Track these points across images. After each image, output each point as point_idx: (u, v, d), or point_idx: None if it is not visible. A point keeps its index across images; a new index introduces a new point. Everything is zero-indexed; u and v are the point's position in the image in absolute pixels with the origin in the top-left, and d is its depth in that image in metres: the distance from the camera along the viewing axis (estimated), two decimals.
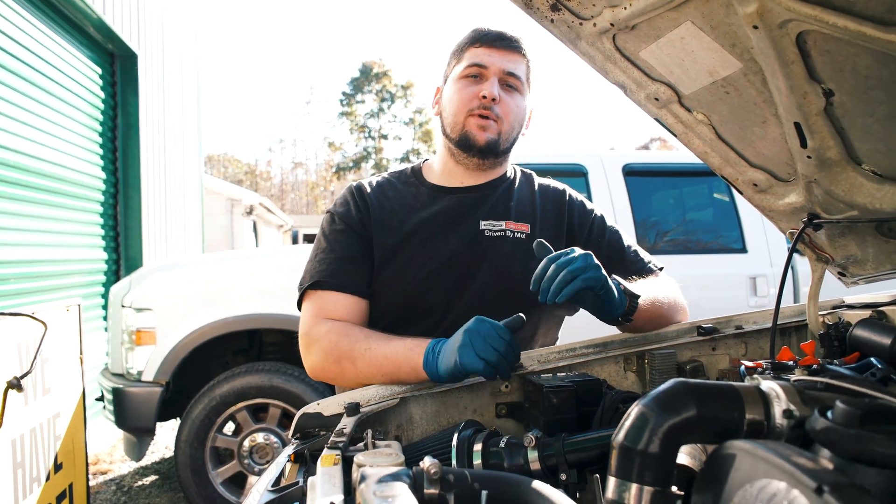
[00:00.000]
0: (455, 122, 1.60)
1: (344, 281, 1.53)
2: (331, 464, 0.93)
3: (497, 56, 1.57)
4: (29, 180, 4.72)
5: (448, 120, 1.63)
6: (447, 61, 1.68)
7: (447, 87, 1.65)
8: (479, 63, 1.57)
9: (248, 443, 3.70)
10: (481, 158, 1.62)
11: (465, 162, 1.64)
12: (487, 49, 1.58)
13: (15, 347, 2.28)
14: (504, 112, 1.58)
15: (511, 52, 1.58)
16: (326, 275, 1.54)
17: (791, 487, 0.54)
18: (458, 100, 1.59)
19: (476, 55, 1.58)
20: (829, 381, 0.78)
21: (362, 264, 1.57)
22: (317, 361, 1.47)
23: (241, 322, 3.75)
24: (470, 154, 1.61)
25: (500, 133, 1.59)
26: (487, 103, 1.56)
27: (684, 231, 4.55)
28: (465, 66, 1.59)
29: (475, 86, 1.58)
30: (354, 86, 47.51)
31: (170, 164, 7.93)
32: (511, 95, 1.59)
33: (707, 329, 1.45)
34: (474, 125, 1.58)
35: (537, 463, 1.00)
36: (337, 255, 1.57)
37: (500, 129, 1.59)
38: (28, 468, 2.32)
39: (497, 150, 1.61)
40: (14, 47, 4.52)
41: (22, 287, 4.66)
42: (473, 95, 1.57)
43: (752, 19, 0.90)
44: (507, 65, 1.57)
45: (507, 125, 1.60)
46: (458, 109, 1.59)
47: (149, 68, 7.02)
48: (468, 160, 1.63)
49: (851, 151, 1.10)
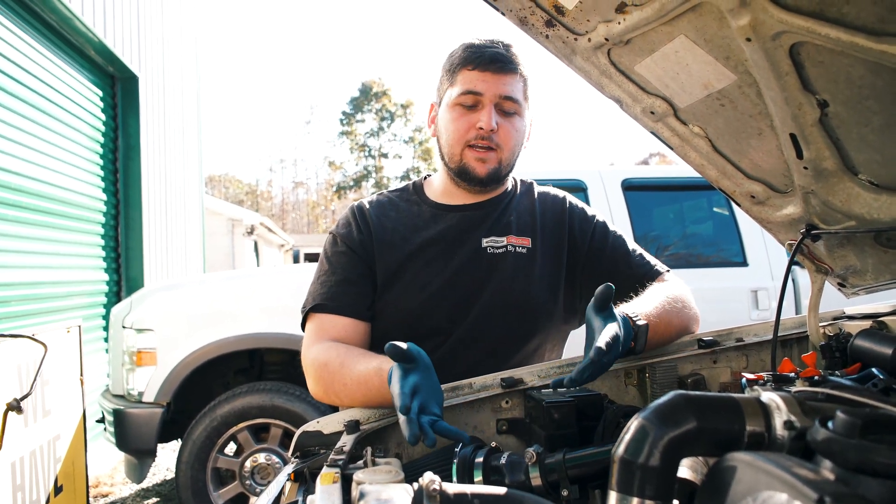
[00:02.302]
0: (452, 152, 1.56)
1: (343, 304, 1.53)
2: (330, 482, 0.92)
3: (492, 81, 1.49)
4: (30, 202, 4.74)
5: (445, 148, 1.58)
6: (440, 77, 1.62)
7: (442, 113, 1.59)
8: (474, 90, 1.50)
9: (249, 463, 3.67)
10: (483, 187, 1.61)
11: (466, 188, 1.62)
12: (481, 73, 1.50)
13: (15, 369, 2.28)
14: (503, 140, 1.53)
15: (506, 75, 1.51)
16: (326, 298, 1.54)
17: (793, 499, 0.54)
18: (454, 130, 1.54)
19: (470, 80, 1.50)
20: (830, 391, 0.77)
21: (363, 286, 1.56)
22: (313, 386, 1.47)
23: (242, 342, 3.74)
24: (471, 185, 1.59)
25: (500, 161, 1.55)
26: (485, 133, 1.51)
27: (685, 245, 4.55)
28: (458, 93, 1.52)
29: (471, 115, 1.52)
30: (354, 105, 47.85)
31: (171, 184, 7.96)
32: (510, 120, 1.54)
33: (708, 342, 1.44)
34: (472, 158, 1.54)
35: (539, 479, 0.99)
36: (338, 277, 1.57)
37: (500, 157, 1.55)
38: (28, 491, 2.30)
39: (499, 177, 1.59)
40: (16, 71, 4.56)
41: (23, 309, 4.66)
42: (470, 126, 1.52)
43: (745, 32, 0.91)
44: (502, 89, 1.50)
45: (507, 152, 1.55)
46: (455, 140, 1.55)
47: (149, 90, 7.07)
48: (469, 188, 1.61)
49: (848, 162, 1.10)
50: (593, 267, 1.64)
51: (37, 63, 4.87)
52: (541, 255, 1.61)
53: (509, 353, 1.55)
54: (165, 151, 7.73)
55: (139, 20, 6.80)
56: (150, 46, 7.20)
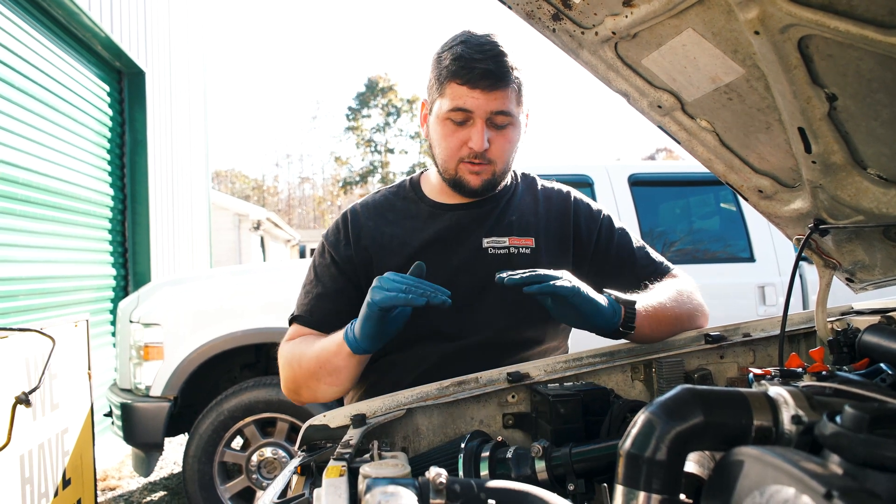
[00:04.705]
0: (446, 166, 1.54)
1: (318, 319, 1.56)
2: (336, 475, 0.92)
3: (482, 98, 1.43)
4: (37, 197, 4.76)
5: (439, 160, 1.56)
6: (429, 78, 1.54)
7: (433, 124, 1.55)
8: (464, 108, 1.44)
9: (256, 457, 3.69)
10: (476, 198, 1.60)
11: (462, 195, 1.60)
12: (471, 90, 1.43)
13: (23, 363, 2.29)
14: (496, 154, 1.51)
15: (497, 91, 1.43)
16: (306, 311, 1.58)
17: (801, 493, 0.54)
18: (447, 147, 1.51)
19: (459, 96, 1.44)
20: (838, 386, 0.77)
21: (340, 303, 1.56)
22: (281, 377, 1.55)
23: (249, 336, 3.75)
24: (465, 195, 1.58)
25: (494, 172, 1.54)
26: (477, 153, 1.48)
27: (692, 240, 4.53)
28: (448, 108, 1.46)
29: (462, 131, 1.48)
30: (360, 100, 47.80)
31: (177, 179, 7.98)
32: (502, 132, 1.50)
33: (715, 337, 1.44)
34: (466, 171, 1.52)
35: (545, 473, 1.00)
36: (318, 290, 1.59)
37: (494, 169, 1.53)
38: (36, 484, 2.31)
39: (494, 186, 1.58)
40: (23, 66, 4.57)
41: (31, 303, 4.68)
42: (461, 143, 1.49)
43: (753, 25, 0.90)
44: (493, 104, 1.44)
45: (500, 164, 1.53)
46: (448, 156, 1.52)
47: (156, 85, 7.08)
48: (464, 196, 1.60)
49: (856, 156, 1.10)
50: (599, 265, 1.63)
51: (44, 58, 4.88)
52: (545, 254, 1.59)
53: (513, 353, 1.54)
54: (172, 146, 7.75)
55: (146, 15, 6.81)
56: (157, 42, 7.21)
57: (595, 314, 1.30)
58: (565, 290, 1.26)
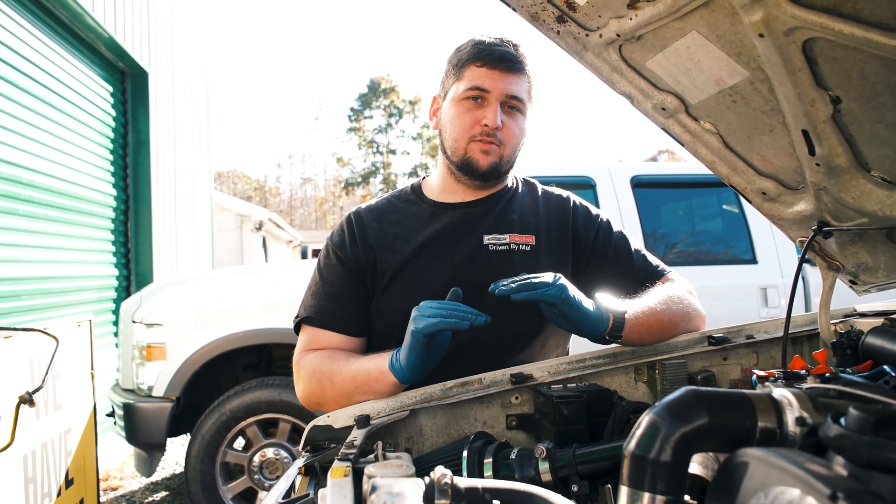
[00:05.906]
0: (457, 146, 1.58)
1: (330, 319, 1.57)
2: (341, 475, 0.93)
3: (500, 79, 1.52)
4: (40, 197, 4.77)
5: (449, 142, 1.60)
6: (445, 71, 1.63)
7: (447, 108, 1.61)
8: (481, 87, 1.53)
9: (258, 458, 3.69)
10: (483, 181, 1.62)
11: (466, 182, 1.63)
12: (489, 71, 1.52)
13: (27, 363, 2.30)
14: (506, 137, 1.56)
15: (514, 74, 1.53)
16: (315, 311, 1.58)
17: (805, 494, 0.54)
18: (460, 125, 1.57)
19: (477, 76, 1.53)
20: (842, 388, 0.77)
21: (351, 302, 1.58)
22: (303, 387, 1.53)
23: (251, 337, 3.76)
24: (472, 178, 1.60)
25: (501, 157, 1.58)
26: (490, 130, 1.54)
27: (694, 242, 4.53)
28: (465, 88, 1.54)
29: (477, 110, 1.55)
30: (362, 101, 47.86)
31: (180, 180, 7.98)
32: (513, 118, 1.57)
33: (718, 339, 1.44)
34: (477, 150, 1.56)
35: (548, 474, 1.00)
36: (327, 290, 1.59)
37: (502, 153, 1.57)
38: (39, 483, 2.32)
39: (500, 172, 1.61)
40: (27, 66, 4.58)
41: (34, 303, 4.69)
42: (475, 121, 1.55)
43: (758, 28, 0.91)
44: (509, 87, 1.53)
45: (509, 149, 1.58)
46: (460, 134, 1.57)
47: (159, 86, 7.09)
48: (470, 182, 1.62)
49: (860, 158, 1.10)
50: (596, 268, 1.65)
51: (48, 59, 4.89)
52: (545, 253, 1.61)
53: (515, 351, 1.55)
54: (175, 147, 7.75)
55: (149, 16, 6.82)
56: (160, 42, 7.22)
57: (582, 321, 1.34)
58: (553, 297, 1.29)
